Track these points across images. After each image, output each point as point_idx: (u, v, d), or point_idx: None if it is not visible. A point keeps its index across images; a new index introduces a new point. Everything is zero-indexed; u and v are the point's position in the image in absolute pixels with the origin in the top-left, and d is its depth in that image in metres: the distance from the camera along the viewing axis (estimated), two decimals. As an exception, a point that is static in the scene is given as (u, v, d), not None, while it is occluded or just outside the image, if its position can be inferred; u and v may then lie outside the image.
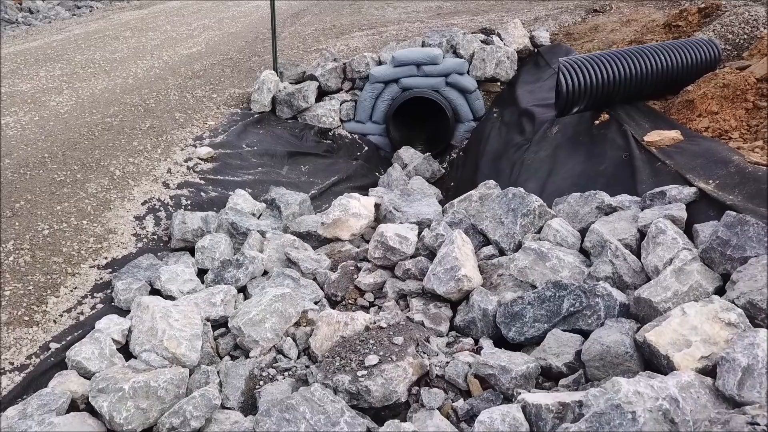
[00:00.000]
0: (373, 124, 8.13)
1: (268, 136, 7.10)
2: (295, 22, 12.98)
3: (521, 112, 6.61)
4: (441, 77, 7.83)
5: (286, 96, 7.72)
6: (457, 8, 11.87)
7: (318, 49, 9.94)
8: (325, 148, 7.51)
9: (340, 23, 12.11)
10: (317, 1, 16.43)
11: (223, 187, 5.66)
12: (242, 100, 7.97)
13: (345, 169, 6.98)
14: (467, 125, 7.98)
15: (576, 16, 8.83)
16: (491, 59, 7.84)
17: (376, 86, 7.92)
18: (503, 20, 9.59)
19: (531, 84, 7.31)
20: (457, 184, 7.16)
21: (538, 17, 9.19)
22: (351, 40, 10.20)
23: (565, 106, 5.05)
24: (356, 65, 8.10)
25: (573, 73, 5.02)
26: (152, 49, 10.42)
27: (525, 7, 10.49)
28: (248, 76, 8.85)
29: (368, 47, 9.37)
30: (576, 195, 4.14)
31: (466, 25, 9.57)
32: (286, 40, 11.02)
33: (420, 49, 7.89)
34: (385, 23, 11.38)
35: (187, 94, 7.98)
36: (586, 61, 5.15)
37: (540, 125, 5.95)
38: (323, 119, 7.89)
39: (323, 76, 8.09)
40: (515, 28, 8.17)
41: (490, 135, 7.01)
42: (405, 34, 9.78)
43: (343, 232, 4.88)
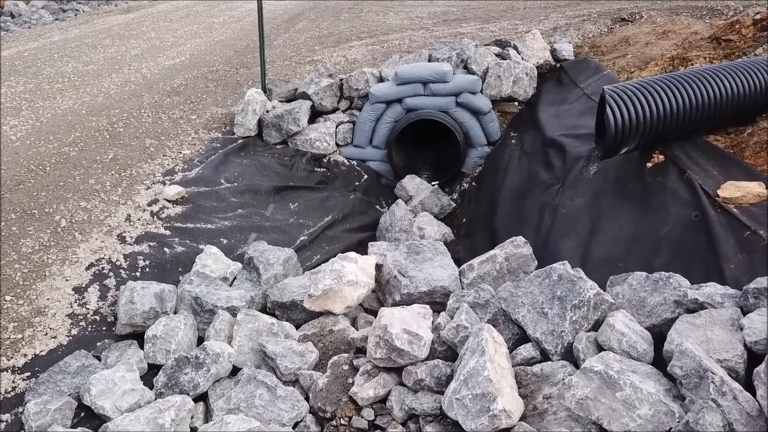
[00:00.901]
0: (374, 149, 7.10)
1: (252, 167, 6.05)
2: (290, 28, 11.93)
3: (547, 142, 5.58)
4: (451, 97, 6.79)
5: (274, 118, 6.68)
6: (465, 14, 10.82)
7: (313, 60, 8.90)
8: (318, 179, 6.47)
9: (338, 30, 11.06)
10: (316, 2, 15.37)
11: (193, 239, 4.62)
12: (225, 121, 6.94)
13: (341, 205, 5.94)
14: (480, 150, 6.94)
15: (601, 26, 7.79)
16: (508, 76, 6.80)
17: (376, 107, 6.89)
18: (517, 29, 8.55)
19: (555, 106, 6.27)
20: (470, 220, 6.14)
21: (557, 26, 8.15)
22: (349, 50, 9.16)
23: (613, 146, 4.02)
24: (354, 82, 7.06)
25: (623, 105, 3.98)
26: (131, 59, 9.37)
27: (540, 14, 9.43)
28: (234, 93, 7.81)
29: (368, 60, 8.33)
30: (640, 276, 3.11)
31: (476, 35, 8.52)
32: (279, 50, 9.98)
33: (426, 65, 6.85)
34: (386, 31, 10.33)
35: (162, 115, 6.94)
36: (636, 89, 4.11)
37: (573, 162, 4.91)
38: (317, 144, 6.85)
39: (317, 94, 7.05)
40: (534, 40, 7.13)
41: (509, 166, 5.97)
42: (409, 45, 8.73)
43: (335, 304, 3.85)
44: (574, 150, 5.02)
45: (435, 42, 7.51)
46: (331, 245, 5.20)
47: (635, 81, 4.31)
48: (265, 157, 6.41)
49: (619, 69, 6.14)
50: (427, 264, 4.16)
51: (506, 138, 6.78)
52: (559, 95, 6.47)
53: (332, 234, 5.39)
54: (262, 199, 5.58)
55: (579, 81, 6.37)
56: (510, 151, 6.26)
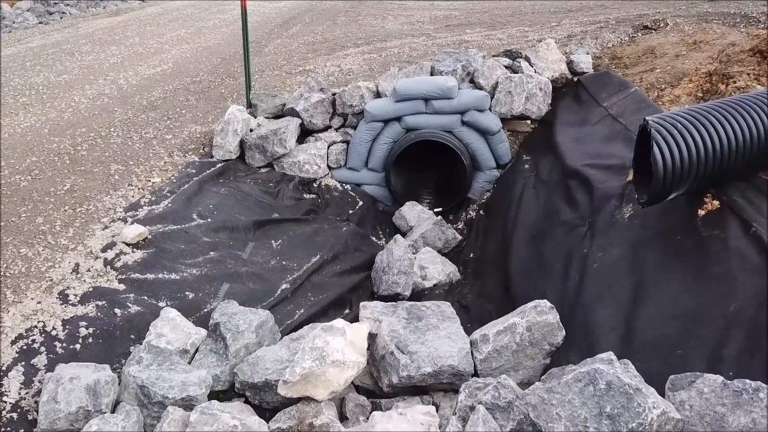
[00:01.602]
0: (370, 172, 6.31)
1: (230, 198, 5.27)
2: (283, 33, 11.14)
3: (567, 172, 4.79)
4: (455, 115, 6.01)
5: (257, 140, 5.89)
6: (469, 19, 10.03)
7: (305, 70, 8.12)
8: (307, 208, 5.69)
9: (333, 36, 10.27)
10: (312, 5, 14.57)
11: (153, 294, 3.84)
12: (204, 141, 6.15)
13: (332, 240, 5.16)
14: (488, 174, 6.16)
15: (621, 34, 7.00)
16: (520, 92, 6.02)
17: (372, 126, 6.10)
18: (527, 37, 7.76)
19: (574, 127, 5.48)
20: (479, 256, 5.36)
21: (572, 34, 7.36)
22: (344, 59, 8.37)
23: (661, 192, 3.24)
24: (348, 98, 6.28)
25: (672, 141, 3.20)
26: (109, 68, 8.58)
27: (551, 20, 8.64)
28: (216, 107, 7.03)
29: (364, 71, 7.54)
30: (714, 381, 2.32)
31: (482, 44, 7.73)
32: (269, 57, 9.19)
33: (428, 80, 6.06)
34: (384, 37, 9.54)
35: (133, 135, 6.15)
36: (686, 119, 3.33)
37: (602, 200, 4.13)
38: (306, 167, 6.07)
39: (306, 111, 6.26)
40: (548, 51, 6.34)
41: (524, 197, 5.19)
42: (408, 54, 7.94)
43: (318, 390, 3.06)
44: (602, 185, 4.23)
45: (438, 52, 6.72)
46: (318, 294, 4.42)
47: (683, 110, 3.52)
48: (246, 183, 5.62)
49: (648, 85, 5.35)
50: (431, 334, 3.39)
51: (518, 161, 6.00)
52: (579, 114, 5.69)
53: (320, 280, 4.60)
54: (240, 237, 4.79)
55: (601, 98, 5.58)
56: (523, 179, 5.48)
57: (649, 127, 3.27)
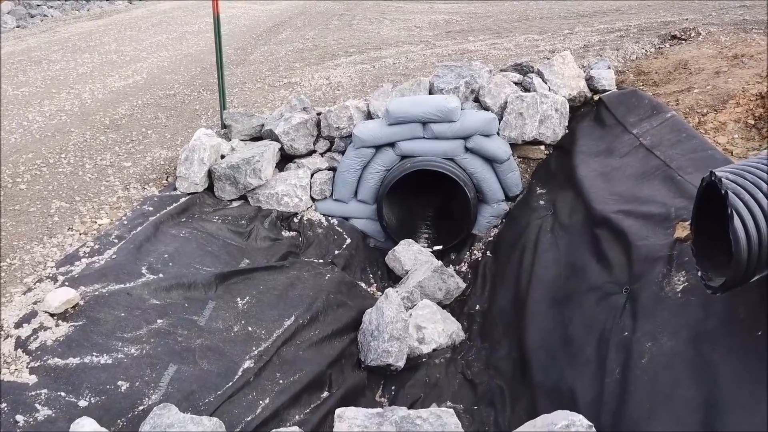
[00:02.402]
0: (359, 204, 5.44)
1: (192, 242, 4.38)
2: (271, 39, 10.25)
3: (594, 218, 3.91)
4: (458, 140, 5.13)
5: (227, 170, 5.01)
6: (471, 25, 9.13)
7: (290, 83, 7.23)
8: (284, 251, 4.80)
9: (325, 42, 9.38)
10: (305, 8, 13.67)
11: (73, 388, 2.95)
12: (169, 169, 5.28)
13: (311, 294, 4.27)
14: (496, 208, 5.28)
15: (646, 45, 6.10)
16: (533, 114, 5.13)
17: (362, 152, 5.22)
18: (537, 47, 6.86)
19: (599, 158, 4.59)
20: (486, 310, 4.49)
21: (589, 44, 6.47)
22: (334, 70, 7.48)
23: (744, 275, 2.35)
24: (335, 119, 5.39)
25: (756, 208, 2.32)
26: (75, 80, 7.70)
27: (562, 27, 7.74)
28: (188, 127, 6.15)
29: (355, 84, 6.65)
30: None
31: (487, 54, 6.84)
32: (254, 66, 8.30)
33: (427, 100, 5.17)
34: (379, 44, 8.65)
35: (87, 162, 5.27)
36: None
37: (644, 263, 3.24)
38: (285, 200, 5.19)
39: (287, 134, 5.38)
40: (565, 65, 5.45)
41: (540, 242, 4.31)
42: (405, 65, 7.05)
43: None
44: (643, 243, 3.35)
45: (437, 64, 5.83)
46: (290, 375, 3.53)
47: (761, 159, 2.64)
48: (213, 222, 4.74)
49: (686, 109, 4.46)
50: (428, 461, 2.52)
51: (530, 193, 5.11)
52: (603, 141, 4.80)
53: (292, 353, 3.71)
54: (198, 296, 3.90)
55: (629, 123, 4.69)
56: (538, 218, 4.60)
57: (723, 187, 2.39)
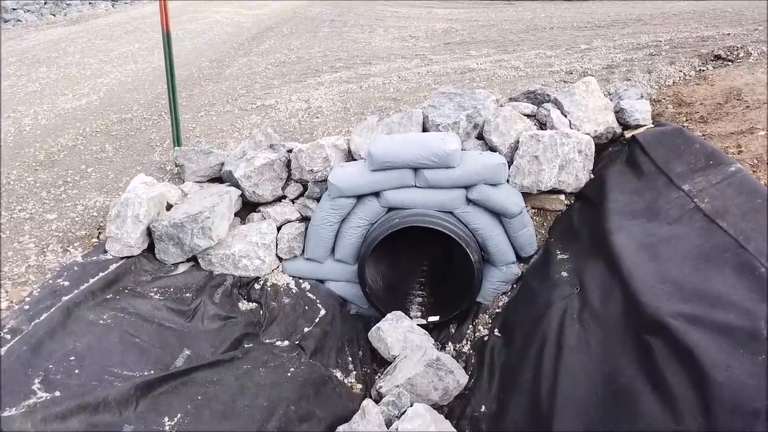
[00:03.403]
0: (337, 265, 4.39)
1: (114, 332, 3.32)
2: (253, 48, 9.17)
3: (644, 318, 2.84)
4: (458, 190, 4.08)
5: (169, 229, 3.95)
6: (473, 35, 8.05)
7: (264, 105, 6.16)
8: (237, 334, 3.74)
9: (309, 54, 8.30)
10: (296, 12, 12.60)
11: None
12: (102, 223, 4.21)
13: (265, 407, 3.21)
14: (506, 272, 4.23)
15: (683, 66, 5.03)
16: (551, 157, 4.08)
17: (340, 203, 4.17)
18: (551, 66, 5.79)
19: (640, 221, 3.53)
20: (494, 415, 3.43)
21: (613, 64, 5.39)
22: (315, 90, 6.41)
23: None
24: (306, 161, 4.34)
25: None
26: (21, 100, 6.63)
27: (578, 40, 6.66)
28: (138, 163, 5.09)
29: (337, 111, 5.58)
30: None
31: (493, 74, 5.76)
32: (227, 83, 7.23)
33: (419, 140, 4.10)
34: (369, 58, 7.57)
35: (2, 214, 4.23)
36: None
37: (728, 415, 2.19)
38: (243, 262, 4.15)
39: (248, 178, 4.33)
40: (589, 94, 4.39)
41: (564, 332, 3.25)
42: (396, 87, 5.98)
43: None
44: (724, 376, 2.29)
45: (434, 89, 4.77)
46: None
47: None
48: (148, 298, 3.68)
49: (754, 160, 3.40)
50: None
51: (548, 256, 4.05)
52: (641, 196, 3.73)
53: None
54: (109, 421, 2.83)
55: (676, 174, 3.63)
56: (561, 297, 3.53)
57: None
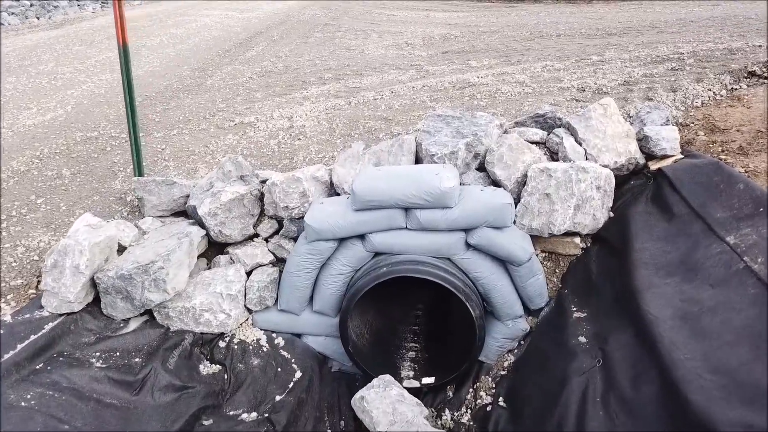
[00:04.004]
0: (315, 317, 3.77)
1: (37, 418, 2.71)
2: (239, 55, 8.54)
3: (691, 424, 2.24)
4: (456, 233, 3.45)
5: (117, 281, 3.33)
6: (473, 43, 7.41)
7: (242, 124, 5.54)
8: (194, 410, 3.11)
9: (298, 63, 7.68)
10: (288, 15, 11.97)
11: None
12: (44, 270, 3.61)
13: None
14: (512, 327, 3.61)
15: (713, 84, 4.39)
16: (566, 195, 3.46)
17: (319, 247, 3.55)
18: (560, 79, 5.16)
19: (675, 280, 2.90)
20: None
21: (630, 80, 4.76)
22: (300, 106, 5.79)
23: None
24: (281, 196, 3.72)
25: None
26: (-21, 115, 6.02)
27: (588, 49, 6.03)
28: (96, 192, 4.48)
29: (322, 132, 4.96)
30: None
31: (495, 90, 5.13)
32: (208, 95, 6.61)
33: (410, 174, 3.47)
34: (361, 68, 6.95)
35: (-73, 259, 3.61)
36: None
37: None
38: (205, 317, 3.53)
39: (214, 215, 3.72)
40: (607, 118, 3.77)
41: (586, 420, 2.64)
42: (388, 104, 5.35)
43: None
44: None
45: (429, 109, 4.15)
46: None
47: None
48: (86, 367, 3.06)
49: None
50: None
51: (562, 312, 3.43)
52: (674, 245, 3.11)
53: None
54: None
55: (717, 222, 3.01)
56: (580, 371, 2.91)
57: None
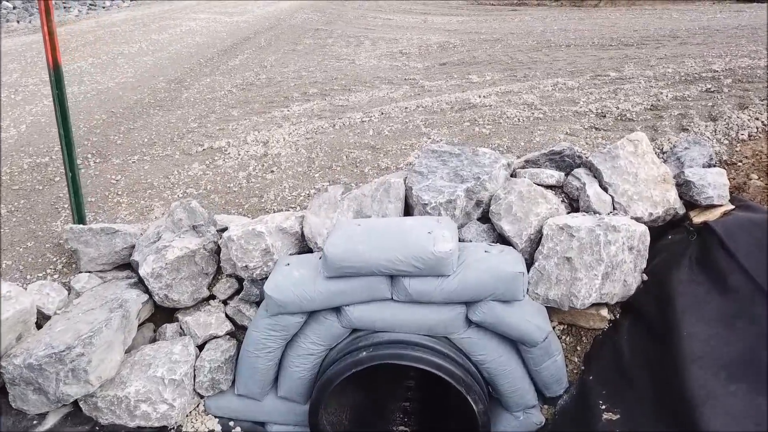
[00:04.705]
0: (282, 403, 3.05)
1: None
2: (221, 65, 7.81)
3: None
4: (455, 306, 2.73)
5: (25, 372, 2.62)
6: (473, 53, 6.68)
7: (211, 149, 4.82)
8: None
9: (282, 74, 6.95)
10: (280, 19, 11.24)
11: None
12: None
13: None
14: (523, 419, 2.89)
15: (761, 111, 3.68)
16: (592, 261, 2.74)
17: (283, 322, 2.83)
18: (575, 101, 4.43)
19: (739, 383, 2.19)
20: None
21: (659, 104, 4.03)
22: (279, 128, 5.06)
23: None
24: (238, 254, 3.00)
25: None
26: None
27: (604, 64, 5.30)
28: (32, 235, 3.75)
29: (299, 163, 4.22)
30: None
31: (499, 113, 4.40)
32: (180, 112, 5.88)
33: (396, 232, 2.73)
34: (350, 82, 6.22)
35: None
36: None
37: None
38: (142, 409, 2.81)
39: (158, 277, 3.00)
40: (638, 158, 3.04)
41: None
42: (377, 129, 4.62)
43: None
44: None
45: (423, 151, 3.44)
46: None
47: None
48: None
49: None
50: None
51: (585, 402, 2.72)
52: (734, 334, 2.38)
53: None
54: None
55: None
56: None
57: None
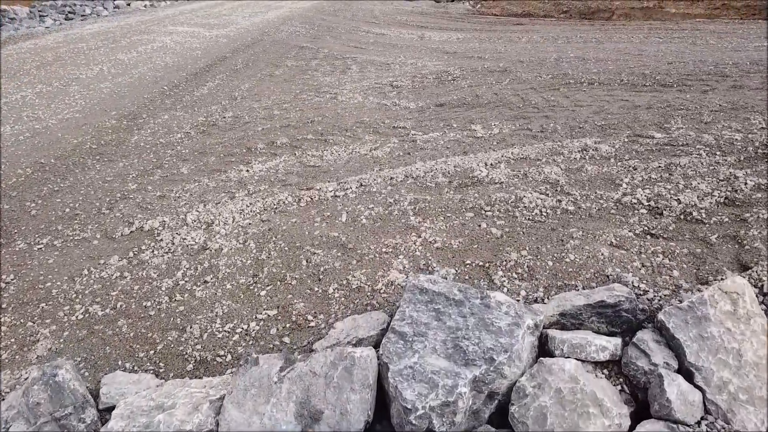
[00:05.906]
0: None
1: None
2: (185, 96, 6.64)
3: None
4: None
5: None
6: (477, 91, 5.48)
7: (141, 231, 3.64)
8: None
9: (251, 111, 5.78)
10: (263, 34, 10.06)
11: None
12: None
13: None
14: None
15: None
16: None
17: None
18: (614, 181, 3.26)
19: None
20: None
21: (736, 196, 2.87)
22: (230, 202, 3.89)
23: None
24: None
25: None
26: None
27: (641, 116, 4.11)
28: None
29: (245, 268, 3.03)
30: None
31: (514, 201, 3.24)
32: (119, 167, 4.71)
33: None
34: (329, 127, 5.05)
35: None
36: None
37: None
38: None
39: None
40: (740, 323, 1.89)
41: None
42: (352, 213, 3.45)
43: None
44: None
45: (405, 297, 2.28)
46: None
47: None
48: None
49: None
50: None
51: None
52: None
53: None
54: None
55: None
56: None
57: None
